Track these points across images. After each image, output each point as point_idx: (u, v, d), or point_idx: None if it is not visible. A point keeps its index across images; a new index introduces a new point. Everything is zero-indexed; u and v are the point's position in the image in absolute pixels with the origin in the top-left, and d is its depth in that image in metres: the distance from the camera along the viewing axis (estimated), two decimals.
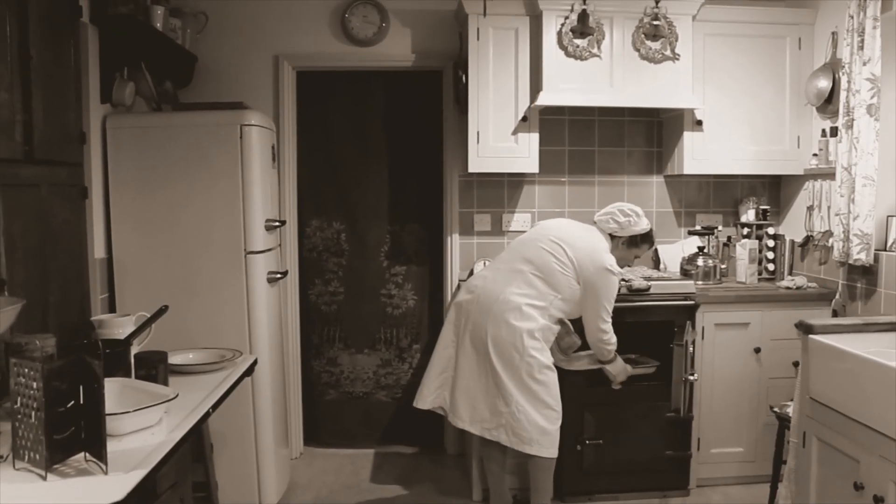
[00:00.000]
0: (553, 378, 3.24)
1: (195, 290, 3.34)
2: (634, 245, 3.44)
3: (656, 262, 4.36)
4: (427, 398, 3.40)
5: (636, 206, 3.41)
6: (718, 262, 4.08)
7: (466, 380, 3.28)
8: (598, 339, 3.33)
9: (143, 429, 1.96)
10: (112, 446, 1.76)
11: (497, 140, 3.90)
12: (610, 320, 3.30)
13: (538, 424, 3.19)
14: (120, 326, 2.65)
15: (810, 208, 4.04)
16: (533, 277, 3.25)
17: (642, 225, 3.40)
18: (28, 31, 2.43)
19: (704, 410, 3.82)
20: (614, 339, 3.34)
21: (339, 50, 4.21)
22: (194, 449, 2.80)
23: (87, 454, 1.74)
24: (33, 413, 1.68)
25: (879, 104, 3.38)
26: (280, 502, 3.68)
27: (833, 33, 3.85)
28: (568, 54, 3.78)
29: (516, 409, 3.19)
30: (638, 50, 3.82)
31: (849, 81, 3.49)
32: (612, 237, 3.41)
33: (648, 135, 4.39)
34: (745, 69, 4.01)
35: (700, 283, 3.95)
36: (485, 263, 4.11)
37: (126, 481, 1.66)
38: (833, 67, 3.80)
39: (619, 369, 3.44)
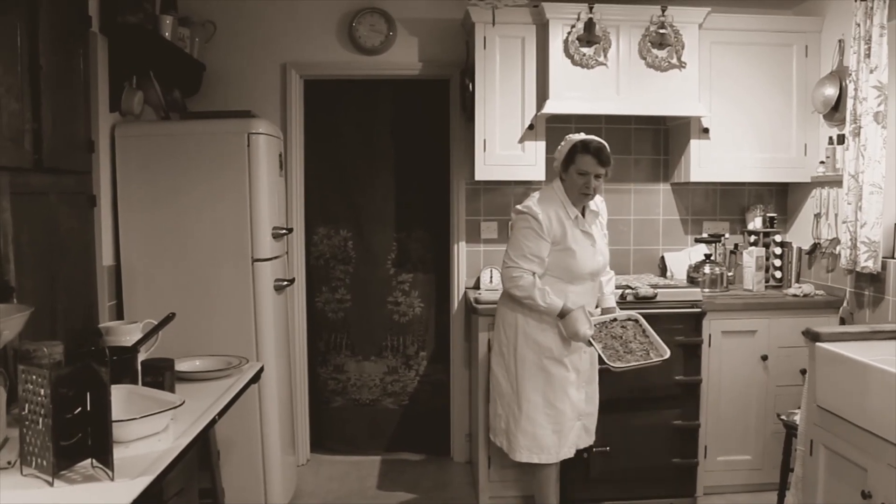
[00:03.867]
0: (532, 379, 3.17)
1: (202, 298, 3.35)
2: (570, 162, 3.09)
3: (663, 270, 4.36)
4: None
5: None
6: (725, 270, 4.08)
7: None
8: (504, 282, 3.13)
9: (150, 435, 1.98)
10: (118, 453, 1.77)
11: (504, 148, 3.90)
12: (516, 263, 3.06)
13: (499, 414, 3.26)
14: (127, 333, 2.67)
15: (817, 216, 4.03)
16: None
17: (567, 142, 3.14)
18: (38, 41, 2.45)
19: (711, 418, 3.81)
20: (524, 292, 3.04)
21: (347, 58, 4.23)
22: (201, 456, 2.81)
23: (94, 460, 1.75)
24: (41, 419, 1.69)
25: (886, 112, 3.38)
26: None
27: (840, 41, 3.84)
28: (574, 63, 3.79)
29: (496, 390, 3.30)
30: (644, 58, 3.83)
31: (856, 89, 3.48)
32: (561, 180, 3.17)
33: (655, 142, 4.39)
34: (752, 77, 4.00)
35: (707, 290, 3.94)
36: (492, 271, 4.13)
37: (132, 487, 1.67)
38: (840, 75, 3.80)
39: (570, 331, 3.05)
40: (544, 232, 3.06)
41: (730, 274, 4.15)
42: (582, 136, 3.14)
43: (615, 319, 3.20)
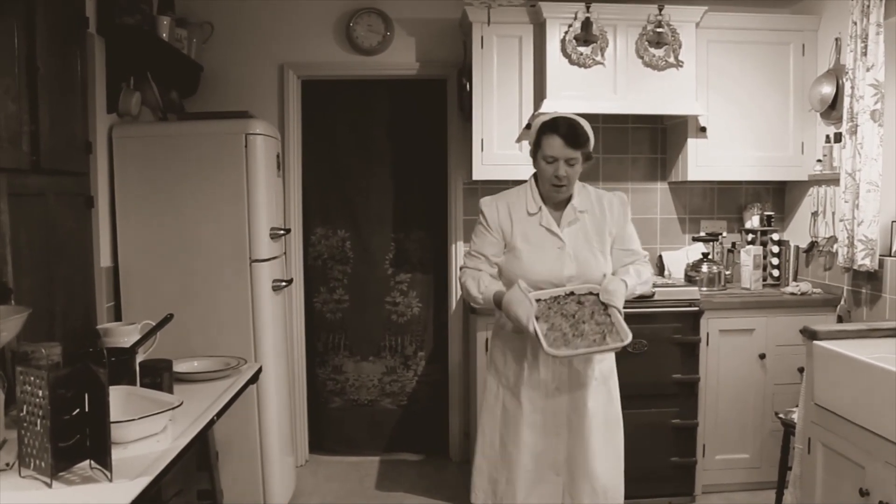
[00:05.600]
0: (489, 412, 2.70)
1: (200, 299, 3.35)
2: (537, 147, 2.55)
3: (661, 269, 4.36)
4: None
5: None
6: (723, 269, 4.08)
7: None
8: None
9: (148, 436, 1.97)
10: (117, 454, 1.77)
11: (501, 147, 3.91)
12: (464, 263, 2.72)
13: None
14: (125, 335, 2.67)
15: (815, 214, 4.04)
16: None
17: (535, 122, 2.61)
18: (35, 43, 2.45)
19: (709, 417, 3.81)
20: (463, 289, 2.66)
21: (344, 59, 4.23)
22: (199, 457, 2.81)
23: (92, 462, 1.75)
24: (39, 421, 1.69)
25: (883, 110, 3.38)
26: None
27: (836, 39, 3.85)
28: (571, 62, 3.79)
29: None
30: (641, 57, 3.83)
31: (852, 87, 3.49)
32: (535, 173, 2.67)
33: (652, 142, 4.40)
34: (749, 76, 4.01)
35: (704, 289, 3.95)
36: None
37: (131, 489, 1.67)
38: (836, 73, 3.80)
39: (512, 317, 2.43)
40: (490, 226, 2.64)
41: (727, 273, 4.15)
42: (555, 113, 2.61)
43: (571, 293, 2.49)
